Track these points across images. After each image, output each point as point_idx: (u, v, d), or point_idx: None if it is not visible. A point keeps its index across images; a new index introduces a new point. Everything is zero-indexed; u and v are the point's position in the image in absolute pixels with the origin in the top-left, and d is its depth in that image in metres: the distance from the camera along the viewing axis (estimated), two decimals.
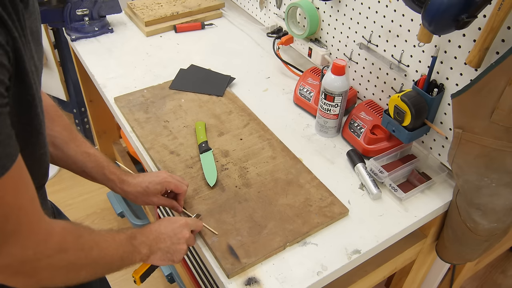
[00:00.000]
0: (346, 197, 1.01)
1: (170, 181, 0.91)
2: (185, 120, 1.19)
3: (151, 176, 0.92)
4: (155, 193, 0.91)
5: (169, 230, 0.82)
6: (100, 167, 0.89)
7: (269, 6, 1.55)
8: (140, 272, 0.85)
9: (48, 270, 0.59)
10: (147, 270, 0.86)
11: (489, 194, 0.90)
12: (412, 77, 1.08)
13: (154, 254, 0.79)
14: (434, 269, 1.35)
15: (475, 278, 1.88)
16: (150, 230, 0.80)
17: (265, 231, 0.91)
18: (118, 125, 1.26)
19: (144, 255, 0.77)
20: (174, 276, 1.60)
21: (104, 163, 0.90)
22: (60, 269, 0.61)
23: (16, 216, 0.53)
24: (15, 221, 0.53)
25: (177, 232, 0.82)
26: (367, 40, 1.16)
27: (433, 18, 0.80)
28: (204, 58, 1.45)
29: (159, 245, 0.79)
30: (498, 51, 0.85)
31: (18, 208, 0.53)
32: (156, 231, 0.80)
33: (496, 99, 0.78)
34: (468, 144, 0.87)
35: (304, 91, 1.26)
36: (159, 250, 0.79)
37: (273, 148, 1.12)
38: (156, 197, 0.92)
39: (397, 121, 1.03)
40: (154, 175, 0.93)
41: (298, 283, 0.84)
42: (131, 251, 0.74)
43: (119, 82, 1.33)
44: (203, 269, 1.22)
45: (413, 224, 0.98)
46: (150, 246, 0.78)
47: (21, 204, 0.54)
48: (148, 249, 0.78)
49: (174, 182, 0.92)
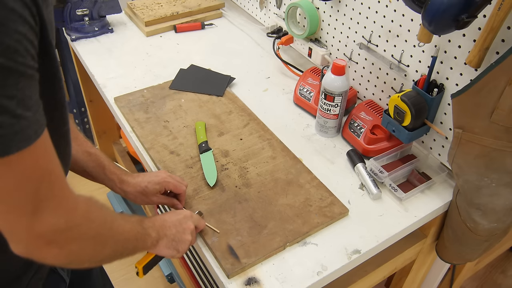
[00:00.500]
0: (346, 197, 1.01)
1: (169, 181, 0.92)
2: (185, 120, 1.19)
3: (150, 176, 0.92)
4: (154, 193, 0.92)
5: (174, 219, 0.82)
6: (101, 167, 0.90)
7: (269, 6, 1.55)
8: (144, 262, 0.85)
9: (78, 240, 0.60)
10: (150, 261, 0.85)
11: (489, 194, 0.90)
12: (412, 77, 1.08)
13: (161, 240, 0.78)
14: (434, 269, 1.35)
15: (475, 278, 1.88)
16: (156, 218, 0.80)
17: (265, 231, 0.91)
18: (118, 125, 1.26)
19: (154, 239, 0.77)
20: (174, 276, 1.60)
21: (105, 162, 0.90)
22: (88, 240, 0.61)
23: (48, 181, 0.54)
24: (47, 186, 0.54)
25: (182, 222, 0.82)
26: (367, 40, 1.16)
27: (433, 18, 0.80)
28: (204, 58, 1.45)
29: (165, 232, 0.79)
30: (498, 51, 0.85)
31: (49, 172, 0.54)
32: (161, 219, 0.81)
33: (496, 99, 0.78)
34: (468, 144, 0.87)
35: (304, 91, 1.26)
36: (165, 236, 0.79)
37: (273, 148, 1.12)
38: (155, 196, 0.92)
39: (397, 121, 1.03)
40: (154, 175, 0.93)
41: (298, 283, 0.84)
42: (143, 233, 0.74)
43: (119, 82, 1.33)
44: (203, 269, 1.22)
45: (413, 224, 0.98)
46: (157, 231, 0.78)
47: (52, 169, 0.55)
48: (157, 233, 0.77)
49: (173, 182, 0.92)
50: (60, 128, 0.67)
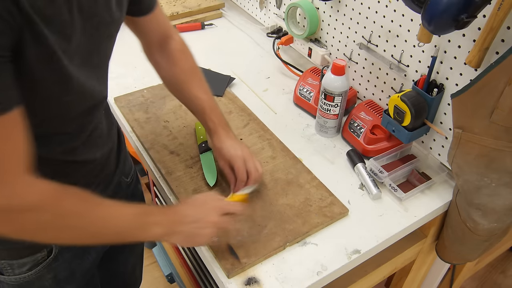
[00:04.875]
0: (346, 197, 1.01)
1: (236, 161, 0.91)
2: (185, 120, 1.19)
3: (232, 145, 0.93)
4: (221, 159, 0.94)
5: (196, 213, 0.79)
6: (202, 112, 0.95)
7: (269, 6, 1.55)
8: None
9: (20, 224, 0.63)
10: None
11: (489, 194, 0.90)
12: (412, 77, 1.08)
13: (172, 236, 0.77)
14: (434, 269, 1.35)
15: (475, 278, 1.88)
16: (175, 211, 0.79)
17: (265, 231, 0.91)
18: None
19: (156, 234, 0.75)
20: (174, 276, 1.60)
21: (207, 110, 0.94)
22: (33, 226, 0.64)
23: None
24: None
25: (204, 215, 0.79)
26: (367, 40, 1.17)
27: (432, 18, 0.80)
28: (204, 58, 1.45)
29: (181, 228, 0.77)
30: (498, 51, 0.85)
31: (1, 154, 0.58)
32: (180, 213, 0.79)
33: (496, 99, 0.78)
34: (468, 144, 0.87)
35: (304, 91, 1.26)
36: (180, 233, 0.77)
37: (273, 148, 1.12)
38: (222, 162, 0.95)
39: (397, 121, 1.03)
40: (235, 147, 0.93)
41: (298, 283, 0.84)
42: (136, 227, 0.73)
43: (119, 82, 1.33)
44: (203, 269, 1.22)
45: (413, 224, 0.98)
46: (168, 227, 0.76)
47: (5, 152, 0.58)
48: (165, 230, 0.76)
49: (239, 165, 0.91)
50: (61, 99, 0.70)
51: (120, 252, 1.13)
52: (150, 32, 0.95)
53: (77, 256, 0.91)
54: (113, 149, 0.92)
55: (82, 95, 0.73)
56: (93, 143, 0.83)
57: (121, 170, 0.99)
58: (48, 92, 0.66)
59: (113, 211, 0.71)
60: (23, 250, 0.82)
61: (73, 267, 0.91)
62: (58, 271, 0.88)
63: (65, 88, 0.68)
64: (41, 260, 0.84)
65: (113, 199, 0.72)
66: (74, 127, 0.77)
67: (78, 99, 0.73)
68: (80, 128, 0.79)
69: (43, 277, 0.86)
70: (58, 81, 0.65)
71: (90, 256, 0.95)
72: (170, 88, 1.01)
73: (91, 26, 0.69)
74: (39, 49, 0.59)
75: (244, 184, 0.92)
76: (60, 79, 0.65)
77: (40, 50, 0.59)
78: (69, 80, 0.67)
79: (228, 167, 0.94)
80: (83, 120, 0.79)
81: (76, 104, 0.74)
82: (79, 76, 0.69)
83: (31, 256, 0.83)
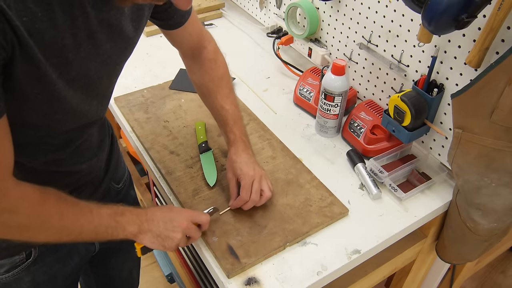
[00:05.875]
0: (346, 197, 1.01)
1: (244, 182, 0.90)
2: (185, 120, 1.19)
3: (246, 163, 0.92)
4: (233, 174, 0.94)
5: (166, 216, 0.82)
6: (225, 123, 0.97)
7: (269, 6, 1.55)
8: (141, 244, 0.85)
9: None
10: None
11: (489, 194, 0.90)
12: (412, 77, 1.08)
13: (144, 234, 0.79)
14: (434, 269, 1.35)
15: (475, 278, 1.88)
16: (146, 212, 0.81)
17: (265, 231, 0.91)
18: (118, 125, 1.26)
19: (130, 233, 0.78)
20: (174, 276, 1.60)
21: (230, 122, 0.96)
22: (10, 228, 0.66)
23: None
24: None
25: (174, 219, 0.82)
26: (367, 40, 1.16)
27: (433, 18, 0.80)
28: None
29: (151, 227, 0.80)
30: (498, 51, 0.85)
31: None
32: (151, 213, 0.81)
33: (496, 99, 0.78)
34: (468, 144, 0.87)
35: (304, 91, 1.26)
36: (149, 231, 0.79)
37: (273, 148, 1.12)
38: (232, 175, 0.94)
39: (397, 121, 1.03)
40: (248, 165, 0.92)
41: (298, 283, 0.84)
42: (112, 226, 0.75)
43: (119, 82, 1.31)
44: (203, 269, 1.22)
45: (413, 224, 0.98)
46: (139, 226, 0.79)
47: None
48: (137, 228, 0.78)
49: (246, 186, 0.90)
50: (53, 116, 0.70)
51: (114, 257, 1.13)
52: (182, 44, 0.97)
53: (59, 260, 0.91)
54: (102, 158, 0.92)
55: (73, 115, 0.73)
56: (79, 155, 0.83)
57: (110, 177, 0.99)
58: (37, 106, 0.65)
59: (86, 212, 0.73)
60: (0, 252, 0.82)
61: (54, 271, 0.90)
62: (37, 275, 0.88)
63: (55, 107, 0.67)
64: (19, 262, 0.84)
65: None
66: (62, 140, 0.77)
67: (70, 118, 0.73)
68: (67, 142, 0.79)
69: (20, 280, 0.86)
70: (47, 100, 0.65)
71: (72, 261, 0.94)
72: (200, 95, 1.04)
73: (104, 52, 0.68)
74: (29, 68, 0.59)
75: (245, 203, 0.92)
76: (49, 99, 0.65)
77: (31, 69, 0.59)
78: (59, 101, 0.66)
79: (234, 181, 0.93)
80: (72, 135, 0.78)
81: (68, 122, 0.74)
82: (73, 99, 0.68)
83: (9, 258, 0.83)
